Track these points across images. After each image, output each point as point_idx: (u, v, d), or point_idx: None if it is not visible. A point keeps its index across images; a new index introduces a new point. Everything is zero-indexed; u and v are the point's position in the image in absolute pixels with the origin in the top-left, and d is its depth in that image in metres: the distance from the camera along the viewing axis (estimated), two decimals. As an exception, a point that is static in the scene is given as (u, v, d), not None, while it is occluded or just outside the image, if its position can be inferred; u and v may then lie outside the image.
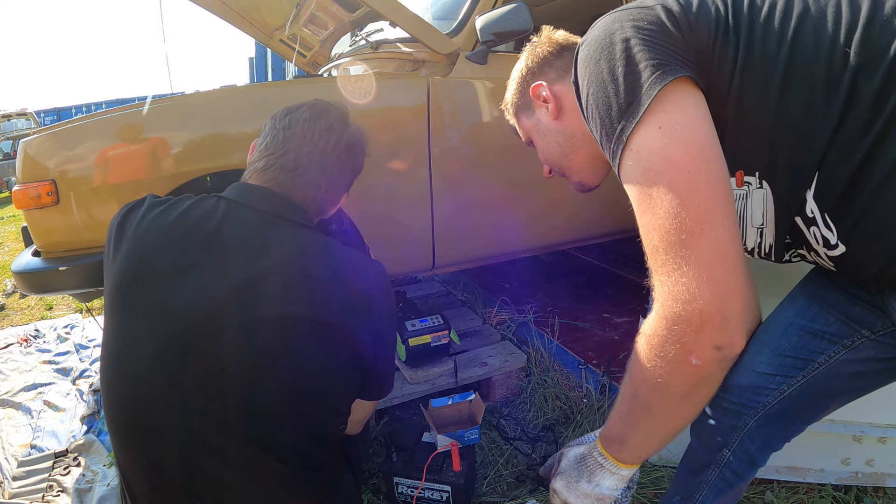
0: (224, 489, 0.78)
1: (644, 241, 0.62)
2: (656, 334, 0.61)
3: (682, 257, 0.57)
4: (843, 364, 0.76)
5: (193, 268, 0.78)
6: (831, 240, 0.64)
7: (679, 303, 0.58)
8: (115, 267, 0.83)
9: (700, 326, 0.57)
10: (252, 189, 0.88)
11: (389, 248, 1.68)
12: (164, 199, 0.88)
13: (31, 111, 10.10)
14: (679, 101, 0.60)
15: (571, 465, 0.78)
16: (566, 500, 0.77)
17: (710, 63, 0.64)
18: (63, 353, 2.36)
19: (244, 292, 0.77)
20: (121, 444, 0.81)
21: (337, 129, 0.94)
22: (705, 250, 0.56)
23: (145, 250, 0.81)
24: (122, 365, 0.79)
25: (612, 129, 0.64)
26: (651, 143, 0.60)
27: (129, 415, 0.79)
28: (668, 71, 0.60)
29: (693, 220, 0.57)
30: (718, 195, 0.58)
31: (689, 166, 0.58)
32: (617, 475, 0.73)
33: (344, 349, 0.82)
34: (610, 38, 0.65)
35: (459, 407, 1.45)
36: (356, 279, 0.85)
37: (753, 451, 0.88)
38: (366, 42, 2.00)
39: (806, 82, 0.60)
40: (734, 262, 0.57)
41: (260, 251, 0.80)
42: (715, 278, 0.56)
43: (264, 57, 8.00)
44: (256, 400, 0.77)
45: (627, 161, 0.63)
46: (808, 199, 0.64)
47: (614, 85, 0.63)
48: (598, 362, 1.78)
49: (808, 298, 0.80)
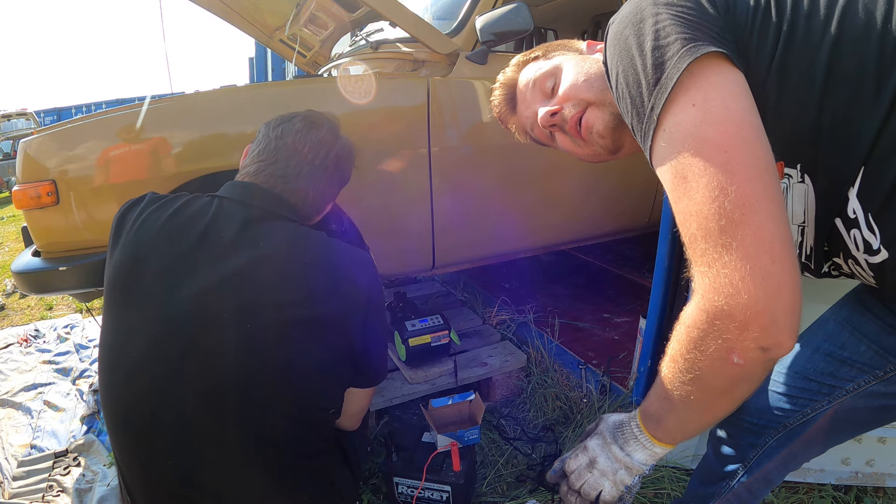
0: (221, 482, 0.79)
1: (681, 229, 0.57)
2: (696, 326, 0.56)
3: (722, 246, 0.52)
4: (873, 396, 0.74)
5: (187, 262, 0.81)
6: (873, 244, 0.59)
7: (722, 296, 0.52)
8: (113, 261, 0.86)
9: (745, 324, 0.52)
10: (244, 186, 0.92)
11: (389, 247, 1.68)
12: (163, 196, 0.92)
13: (31, 111, 10.10)
14: (713, 76, 0.56)
15: (609, 429, 0.74)
16: (596, 457, 0.73)
17: (749, 43, 0.60)
18: (63, 353, 2.36)
19: (235, 283, 0.79)
20: (118, 438, 0.82)
21: (327, 142, 0.98)
22: (748, 238, 0.51)
23: (140, 244, 0.84)
24: (118, 357, 0.80)
25: (642, 108, 0.59)
26: (684, 121, 0.55)
27: (127, 407, 0.79)
28: (699, 45, 0.55)
29: (733, 204, 0.51)
30: (761, 176, 0.52)
31: (726, 145, 0.53)
32: (650, 451, 0.70)
33: (333, 336, 0.84)
34: (640, 14, 0.61)
35: (459, 407, 1.45)
36: (340, 266, 0.86)
37: (771, 469, 0.86)
38: (366, 42, 2.00)
39: (854, 67, 0.55)
40: (781, 252, 0.51)
41: (250, 244, 0.83)
42: (760, 270, 0.51)
43: (264, 57, 7.99)
44: (249, 389, 0.78)
45: (660, 143, 0.58)
46: (852, 198, 0.59)
47: (642, 60, 0.59)
48: (598, 362, 1.78)
49: (840, 325, 0.77)
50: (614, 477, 0.71)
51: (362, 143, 1.57)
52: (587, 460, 0.73)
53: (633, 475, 0.70)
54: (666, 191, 0.59)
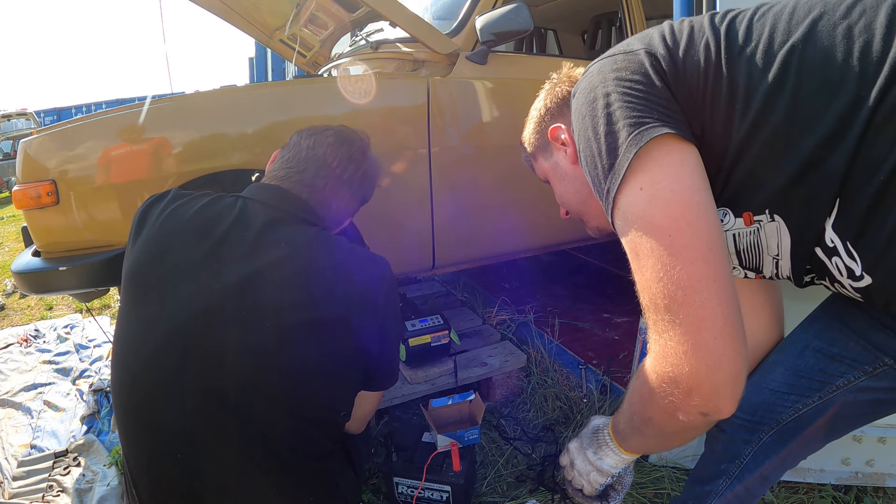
0: (227, 481, 0.79)
1: (639, 297, 0.62)
2: (648, 384, 0.62)
3: (668, 322, 0.57)
4: (863, 390, 0.75)
5: (210, 258, 0.82)
6: (856, 270, 0.60)
7: (668, 364, 0.58)
8: (135, 251, 0.86)
9: (688, 391, 0.57)
10: (270, 188, 0.93)
11: (389, 247, 1.68)
12: (187, 193, 0.93)
13: (31, 111, 10.10)
14: (661, 157, 0.59)
15: (587, 433, 0.82)
16: (573, 459, 0.82)
17: (703, 107, 0.62)
18: (63, 353, 2.36)
19: (257, 283, 0.80)
20: (127, 431, 0.82)
21: (356, 160, 1.00)
22: (690, 317, 0.56)
23: (165, 237, 0.85)
24: (136, 348, 0.81)
25: (601, 189, 0.64)
26: (633, 204, 0.60)
27: (139, 399, 0.80)
28: (646, 130, 0.58)
29: (676, 285, 0.56)
30: (704, 257, 0.56)
31: (670, 228, 0.57)
32: (619, 457, 0.77)
33: (344, 344, 0.84)
34: (593, 94, 0.65)
35: (459, 407, 1.45)
36: (358, 275, 0.86)
37: (768, 467, 0.87)
38: (366, 42, 2.00)
39: (816, 109, 0.56)
40: (723, 328, 0.55)
41: (268, 246, 0.83)
42: (702, 346, 0.55)
43: (264, 57, 7.99)
44: (257, 391, 0.78)
45: (617, 220, 0.63)
46: (828, 229, 0.60)
47: (597, 144, 0.63)
48: (598, 362, 1.78)
49: (829, 321, 0.79)
50: (588, 477, 0.80)
51: (362, 143, 1.57)
52: (569, 460, 0.83)
53: (604, 476, 0.79)
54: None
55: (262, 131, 1.45)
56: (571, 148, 0.81)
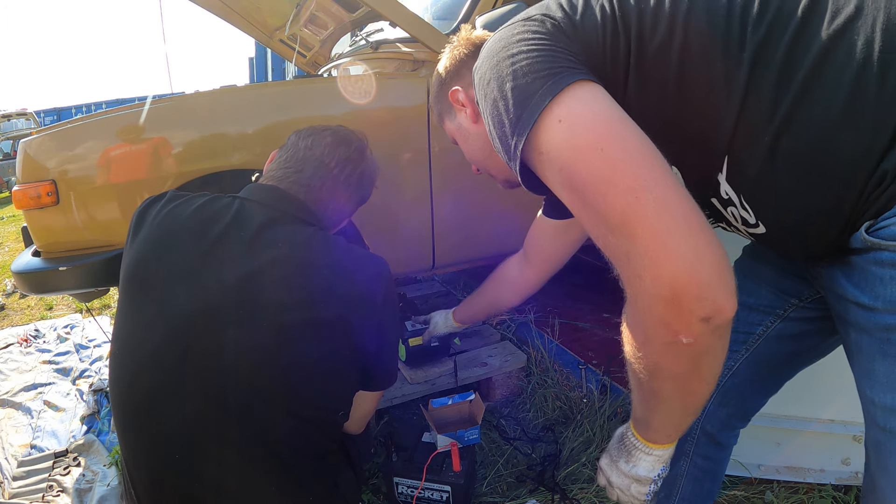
0: (225, 480, 0.79)
1: (595, 241, 0.57)
2: (636, 323, 0.57)
3: (630, 235, 0.51)
4: (780, 331, 0.83)
5: (204, 260, 0.82)
6: (750, 220, 0.63)
7: (647, 284, 0.51)
8: (132, 253, 0.86)
9: (677, 301, 0.50)
10: (267, 189, 0.93)
11: (389, 247, 1.68)
12: (184, 194, 0.93)
13: (31, 111, 10.10)
14: (576, 93, 0.56)
15: (614, 444, 0.75)
16: (609, 478, 0.74)
17: (603, 63, 0.61)
18: (63, 353, 2.36)
19: (253, 282, 0.80)
20: (125, 432, 0.82)
21: (353, 160, 1.00)
22: (650, 217, 0.50)
23: (162, 237, 0.85)
24: (134, 349, 0.81)
25: (508, 143, 0.60)
26: (554, 137, 0.55)
27: (137, 400, 0.80)
28: (559, 79, 0.56)
29: (625, 193, 0.51)
30: (642, 157, 0.53)
31: (599, 143, 0.53)
32: (651, 455, 0.70)
33: (343, 344, 0.84)
34: (496, 57, 0.62)
35: (459, 407, 1.45)
36: (356, 274, 0.86)
37: (715, 432, 0.93)
38: (366, 42, 2.00)
39: (704, 68, 0.57)
40: (688, 219, 0.50)
41: (266, 245, 0.83)
42: (673, 242, 0.50)
43: (264, 57, 8.00)
44: (256, 391, 0.78)
45: (541, 167, 0.58)
46: (722, 182, 0.62)
47: (504, 102, 0.60)
48: (598, 362, 1.78)
49: (742, 276, 0.82)
50: (629, 492, 0.72)
51: (362, 143, 1.57)
52: (605, 479, 0.75)
53: (645, 485, 0.71)
54: (571, 212, 0.59)
55: (262, 131, 1.45)
56: (470, 108, 0.84)
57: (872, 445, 0.64)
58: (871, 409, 0.62)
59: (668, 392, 0.61)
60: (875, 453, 0.63)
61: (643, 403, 0.66)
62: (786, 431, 1.33)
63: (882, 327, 0.57)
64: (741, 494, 1.31)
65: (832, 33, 0.52)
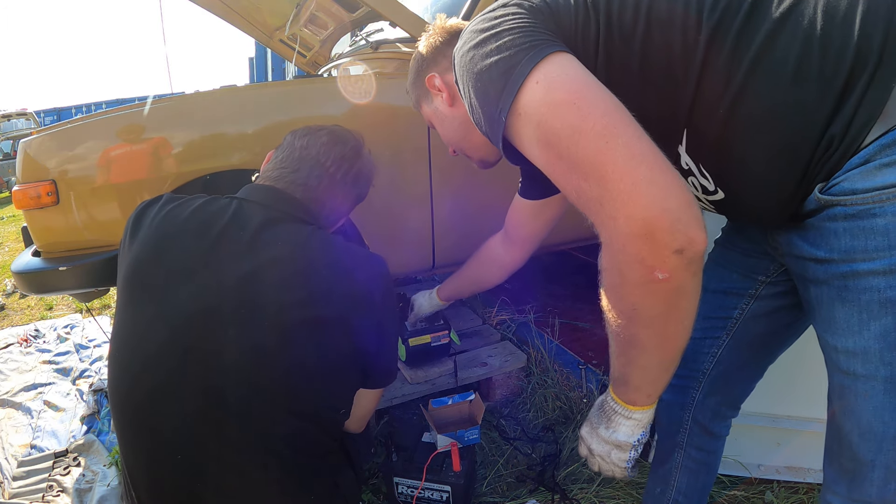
0: (226, 480, 0.79)
1: (569, 194, 0.59)
2: (612, 266, 0.58)
3: (601, 178, 0.54)
4: (755, 311, 0.86)
5: (206, 259, 0.82)
6: (709, 187, 0.69)
7: (620, 223, 0.54)
8: (132, 254, 0.86)
9: (650, 235, 0.52)
10: (264, 189, 0.93)
11: (389, 247, 1.68)
12: (180, 196, 0.92)
13: (31, 111, 10.10)
14: (553, 60, 0.60)
15: (594, 412, 0.75)
16: (590, 446, 0.74)
17: (576, 42, 0.65)
18: (63, 353, 2.36)
19: (249, 284, 0.80)
20: (125, 433, 0.82)
21: (349, 159, 1.00)
22: (619, 160, 0.53)
23: (161, 239, 0.85)
24: (134, 350, 0.81)
25: (493, 112, 0.63)
26: (532, 98, 0.59)
27: (138, 400, 0.80)
28: (539, 51, 0.60)
29: (595, 138, 0.54)
30: (614, 109, 0.56)
31: (573, 99, 0.57)
32: (631, 420, 0.69)
33: (343, 342, 0.84)
34: (480, 37, 0.65)
35: (459, 407, 1.45)
36: (356, 273, 0.86)
37: (707, 422, 0.96)
38: (366, 42, 2.00)
39: (663, 52, 0.63)
40: (654, 161, 0.54)
41: (265, 245, 0.83)
42: (643, 181, 0.53)
43: (264, 57, 8.00)
44: (256, 390, 0.78)
45: (521, 127, 0.61)
46: (682, 154, 0.68)
47: (489, 75, 0.63)
48: (598, 362, 1.78)
49: (713, 264, 0.89)
50: (610, 458, 0.72)
51: (362, 143, 1.57)
52: (586, 449, 0.76)
53: (625, 451, 0.71)
54: (546, 173, 0.62)
55: (262, 131, 1.44)
56: (446, 92, 0.91)
57: (836, 392, 0.67)
58: (833, 355, 0.66)
59: (646, 339, 0.61)
60: (839, 399, 0.67)
61: (621, 357, 0.66)
62: (786, 431, 1.33)
63: (838, 275, 0.62)
64: (741, 494, 1.31)
65: (779, 16, 0.58)
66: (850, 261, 0.60)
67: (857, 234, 0.58)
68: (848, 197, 0.58)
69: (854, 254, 0.59)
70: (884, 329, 0.59)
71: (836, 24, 0.56)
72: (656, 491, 1.04)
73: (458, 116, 0.93)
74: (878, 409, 0.62)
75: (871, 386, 0.62)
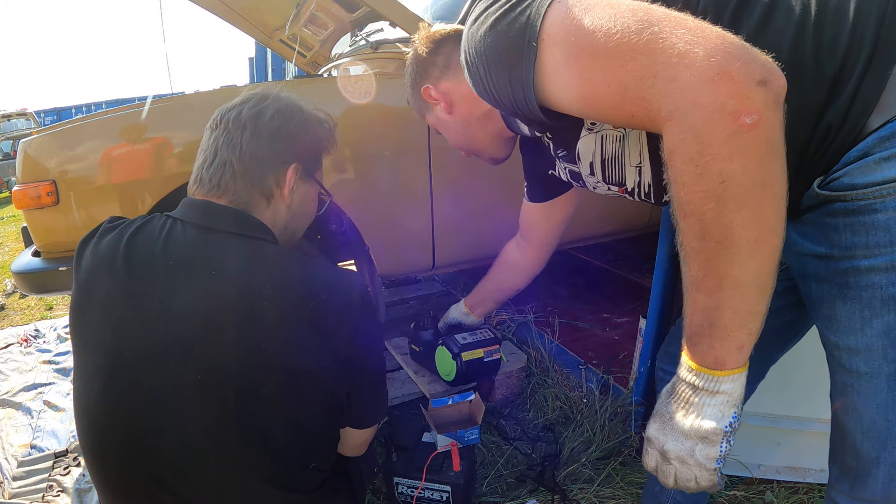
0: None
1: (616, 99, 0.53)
2: (685, 136, 0.49)
3: (649, 45, 0.49)
4: None
5: (135, 294, 0.73)
6: None
7: (683, 75, 0.48)
8: (71, 297, 0.79)
9: (724, 73, 0.46)
10: (194, 205, 0.80)
11: (389, 248, 1.68)
12: (117, 223, 0.81)
13: (31, 111, 10.10)
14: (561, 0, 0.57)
15: (662, 402, 0.61)
16: (663, 447, 0.59)
17: None
18: (63, 353, 2.36)
19: (185, 319, 0.71)
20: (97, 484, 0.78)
21: (250, 115, 0.83)
22: (664, 22, 0.50)
23: (92, 276, 0.77)
24: (80, 401, 0.76)
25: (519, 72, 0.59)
26: (556, 17, 0.55)
27: (94, 454, 0.75)
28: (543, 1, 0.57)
29: (631, 13, 0.51)
30: (651, 6, 0.53)
31: (599, 2, 0.53)
32: (719, 394, 0.54)
33: (314, 388, 0.75)
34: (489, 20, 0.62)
35: (459, 407, 1.45)
36: (311, 294, 0.73)
37: None
38: (366, 42, 1.99)
39: None
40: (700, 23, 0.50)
41: (200, 271, 0.73)
42: (695, 30, 0.49)
43: (264, 57, 7.99)
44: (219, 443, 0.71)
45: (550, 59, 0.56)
46: None
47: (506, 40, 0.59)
48: (598, 362, 1.78)
49: None
50: (694, 459, 0.56)
51: (362, 143, 1.57)
52: (657, 453, 0.60)
53: (715, 444, 0.55)
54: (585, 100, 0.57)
55: (262, 131, 1.44)
56: (443, 101, 0.92)
57: (839, 390, 0.67)
58: (835, 353, 0.65)
59: (740, 228, 0.50)
60: (842, 397, 0.66)
61: (704, 283, 0.53)
62: (786, 431, 1.33)
63: (839, 272, 0.61)
64: (741, 494, 1.31)
65: (772, 1, 0.57)
66: (850, 257, 0.59)
67: (857, 229, 0.58)
68: (848, 192, 0.57)
69: (855, 250, 0.59)
70: (886, 326, 0.59)
71: (830, 11, 0.55)
72: (656, 489, 1.03)
73: (458, 121, 0.94)
74: (881, 407, 0.62)
75: (874, 384, 0.62)
